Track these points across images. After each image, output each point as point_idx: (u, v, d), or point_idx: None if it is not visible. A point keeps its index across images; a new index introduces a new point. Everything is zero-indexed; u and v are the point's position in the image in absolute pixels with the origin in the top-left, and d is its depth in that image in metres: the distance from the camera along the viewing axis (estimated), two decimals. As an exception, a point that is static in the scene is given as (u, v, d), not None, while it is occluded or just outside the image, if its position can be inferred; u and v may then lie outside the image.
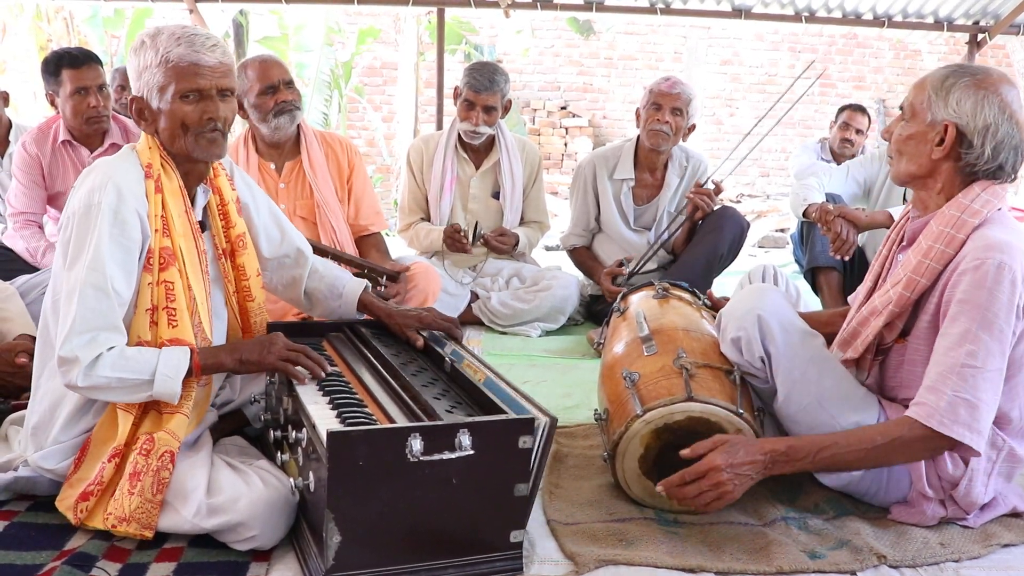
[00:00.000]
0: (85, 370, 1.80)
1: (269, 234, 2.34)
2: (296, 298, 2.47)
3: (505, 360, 3.52)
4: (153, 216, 1.94)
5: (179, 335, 1.93)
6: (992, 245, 1.88)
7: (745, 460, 1.90)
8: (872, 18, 6.10)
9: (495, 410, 1.78)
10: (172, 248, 1.96)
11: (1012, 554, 1.97)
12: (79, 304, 1.82)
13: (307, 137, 3.47)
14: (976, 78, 1.95)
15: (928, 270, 1.97)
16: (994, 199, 1.96)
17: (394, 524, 1.65)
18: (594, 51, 11.38)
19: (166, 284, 1.94)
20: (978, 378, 1.86)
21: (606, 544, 1.94)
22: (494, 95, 3.92)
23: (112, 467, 1.87)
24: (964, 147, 1.95)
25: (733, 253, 3.99)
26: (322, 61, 9.03)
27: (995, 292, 1.85)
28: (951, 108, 1.95)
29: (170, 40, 1.95)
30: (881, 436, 1.93)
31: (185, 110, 1.96)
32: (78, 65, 3.50)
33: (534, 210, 4.27)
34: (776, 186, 11.43)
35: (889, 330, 2.07)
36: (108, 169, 1.93)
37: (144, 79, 1.98)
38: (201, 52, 1.95)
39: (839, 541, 1.98)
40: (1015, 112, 1.94)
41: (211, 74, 1.97)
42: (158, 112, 1.99)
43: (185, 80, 1.95)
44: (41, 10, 9.72)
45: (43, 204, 3.69)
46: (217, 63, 1.98)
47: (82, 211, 1.88)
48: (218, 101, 1.99)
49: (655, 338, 2.27)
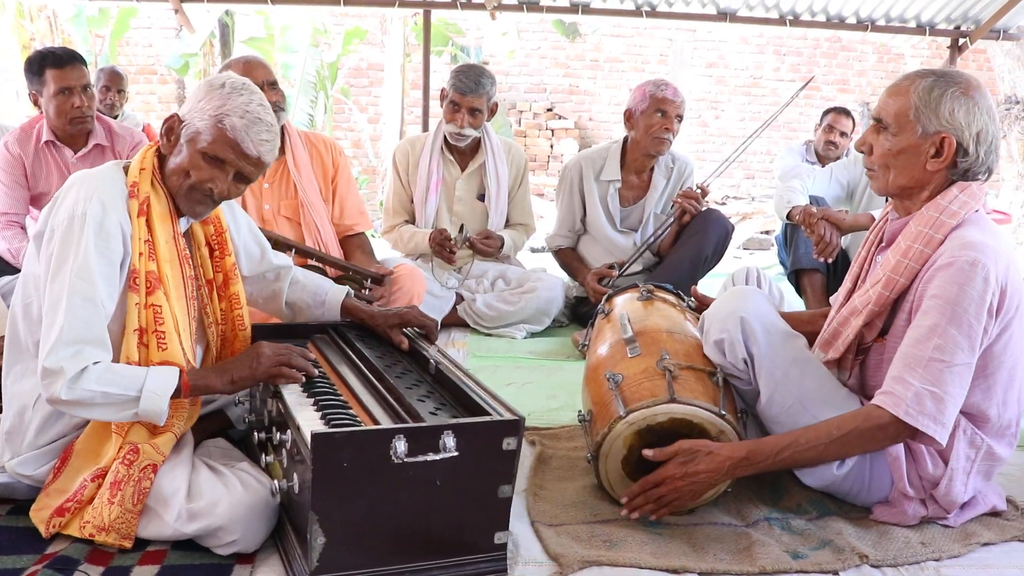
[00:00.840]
0: (69, 383, 1.76)
1: (249, 252, 2.34)
2: (277, 309, 2.47)
3: (490, 362, 3.52)
4: (137, 239, 1.92)
5: (169, 358, 1.91)
6: (968, 244, 1.91)
7: (701, 469, 1.96)
8: (856, 22, 6.15)
9: (480, 412, 1.78)
10: (158, 273, 1.94)
11: (992, 553, 1.99)
12: (67, 314, 1.79)
13: (291, 137, 3.46)
14: (962, 86, 1.97)
15: (907, 269, 1.99)
16: (972, 200, 1.99)
17: (378, 526, 1.66)
18: (580, 53, 11.40)
19: (154, 308, 1.92)
20: (945, 372, 1.89)
21: (590, 545, 1.94)
22: (480, 97, 3.92)
23: (94, 487, 1.85)
24: (961, 156, 1.98)
25: (718, 255, 4.01)
26: (308, 62, 9.00)
27: (966, 288, 1.88)
28: (944, 120, 1.96)
29: (237, 107, 1.94)
30: (837, 429, 1.97)
31: (199, 164, 1.96)
32: (62, 65, 3.47)
33: (519, 212, 4.27)
34: (761, 188, 11.48)
35: (869, 329, 2.09)
36: (92, 183, 1.91)
37: (194, 112, 1.96)
38: (250, 140, 1.94)
39: (821, 541, 1.99)
40: (994, 112, 1.99)
41: (243, 160, 1.96)
42: (181, 145, 1.98)
43: (217, 147, 1.94)
44: (24, 8, 9.65)
45: (26, 205, 3.66)
46: (255, 156, 1.97)
47: (66, 222, 1.86)
48: (230, 179, 1.99)
49: (639, 340, 2.28)
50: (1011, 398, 2.04)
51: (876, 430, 1.94)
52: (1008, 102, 8.28)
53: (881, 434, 1.95)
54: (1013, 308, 1.95)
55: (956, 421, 2.00)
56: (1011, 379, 2.02)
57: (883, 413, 1.92)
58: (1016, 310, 1.96)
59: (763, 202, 9.89)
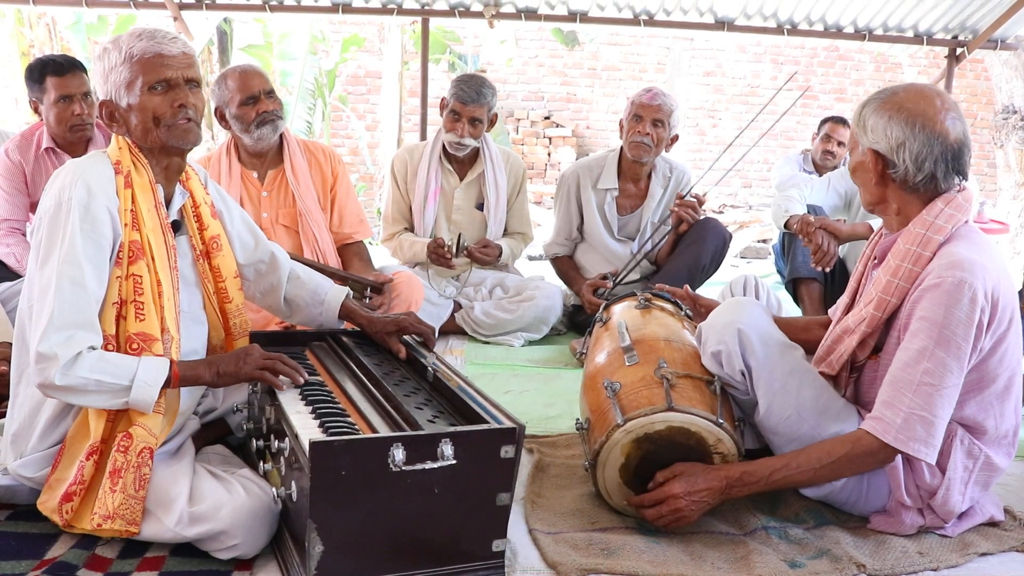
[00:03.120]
0: (63, 368, 1.77)
1: (243, 240, 2.34)
2: (276, 305, 2.47)
3: (488, 369, 3.52)
4: (123, 211, 1.94)
5: (145, 329, 1.92)
6: (955, 263, 1.91)
7: (702, 487, 1.98)
8: (853, 31, 6.16)
9: (478, 419, 1.78)
10: (141, 242, 1.95)
11: (989, 563, 2.00)
12: (56, 298, 1.81)
13: (290, 146, 3.46)
14: (882, 100, 2.01)
15: (897, 289, 2.01)
16: (958, 213, 1.99)
17: (376, 533, 1.66)
18: (578, 61, 11.42)
19: (134, 278, 1.93)
20: (934, 396, 1.90)
21: (588, 553, 1.95)
22: (481, 107, 3.92)
23: (91, 465, 1.86)
24: (889, 168, 2.01)
25: (715, 264, 4.01)
26: (306, 69, 9.00)
27: (953, 310, 1.88)
28: (868, 135, 2.02)
29: (132, 38, 1.97)
30: (827, 455, 1.99)
31: (155, 101, 1.97)
32: (63, 72, 3.49)
33: (517, 222, 4.28)
34: (758, 197, 11.50)
35: (861, 348, 2.12)
36: (77, 169, 1.93)
37: (111, 80, 1.98)
38: (163, 44, 1.97)
39: (819, 550, 1.99)
40: (928, 123, 1.95)
41: (176, 64, 1.99)
42: (128, 109, 1.99)
43: (152, 72, 1.96)
44: (23, 15, 9.67)
45: (26, 211, 3.67)
46: (180, 53, 2.00)
47: (52, 209, 1.88)
48: (187, 90, 2.00)
49: (636, 348, 2.28)
50: (1008, 409, 2.05)
51: (866, 456, 1.97)
52: (1006, 111, 8.30)
53: (871, 459, 1.98)
54: (1006, 321, 1.96)
55: (953, 431, 2.01)
56: (1007, 390, 2.03)
57: (872, 440, 1.94)
58: (1010, 323, 1.96)
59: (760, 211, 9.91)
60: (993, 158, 10.22)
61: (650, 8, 5.94)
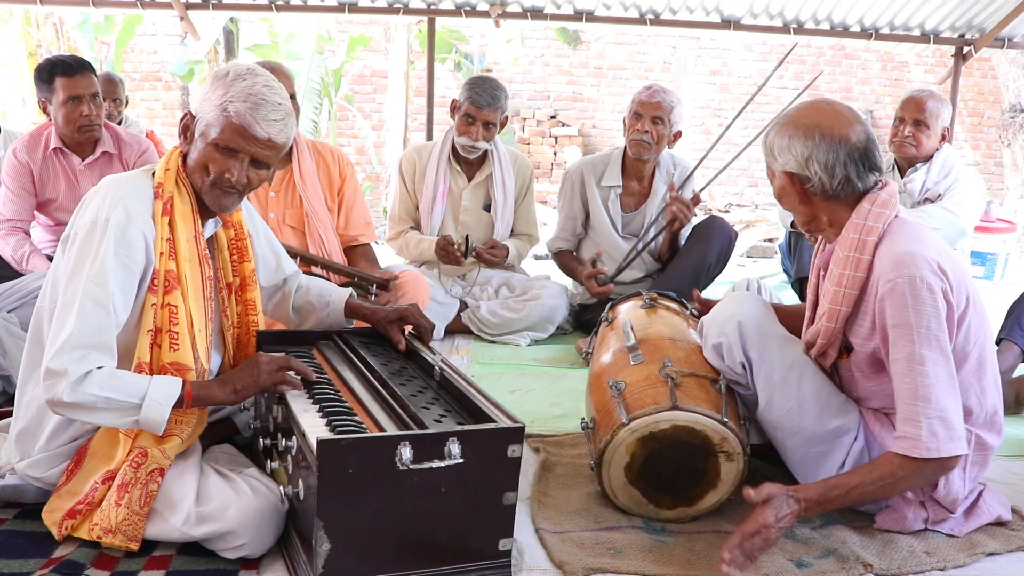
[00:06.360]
0: (72, 385, 1.75)
1: (267, 263, 2.35)
2: (284, 316, 2.49)
3: (494, 369, 3.53)
4: (159, 239, 1.92)
5: (180, 359, 1.91)
6: (897, 262, 1.92)
7: (787, 513, 1.86)
8: (860, 30, 6.15)
9: (485, 418, 1.79)
10: (177, 272, 1.94)
11: (996, 563, 2.00)
12: (78, 317, 1.79)
13: (299, 147, 3.47)
14: (780, 124, 2.06)
15: (846, 297, 2.03)
16: (885, 209, 2.01)
17: (383, 532, 1.66)
18: (584, 61, 11.41)
19: (170, 307, 1.92)
20: (937, 392, 1.89)
21: (594, 552, 1.95)
22: (495, 111, 3.92)
23: (104, 489, 1.86)
24: (806, 184, 2.03)
25: (721, 263, 4.01)
26: (312, 69, 9.01)
27: (917, 307, 1.89)
28: (778, 159, 2.05)
29: (240, 92, 1.92)
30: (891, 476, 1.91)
31: (214, 157, 1.96)
32: (72, 73, 3.49)
33: (524, 223, 4.28)
34: (765, 196, 11.46)
35: (824, 359, 2.14)
36: (118, 189, 1.91)
37: (203, 107, 1.97)
38: (258, 123, 1.92)
39: (826, 550, 2.00)
40: (826, 131, 1.98)
41: (254, 144, 1.94)
42: (196, 141, 1.98)
43: (228, 137, 1.93)
44: (30, 16, 9.69)
45: (31, 211, 3.68)
46: (266, 138, 1.95)
47: (88, 226, 1.86)
48: (246, 166, 1.97)
49: (641, 347, 2.29)
50: (987, 385, 2.05)
51: (917, 474, 1.91)
52: (1012, 110, 8.28)
53: (923, 476, 1.93)
54: (963, 299, 1.97)
55: None
56: (981, 366, 2.03)
57: (909, 461, 1.89)
58: (967, 300, 1.98)
59: (767, 210, 9.89)
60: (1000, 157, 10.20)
61: (656, 7, 5.94)
